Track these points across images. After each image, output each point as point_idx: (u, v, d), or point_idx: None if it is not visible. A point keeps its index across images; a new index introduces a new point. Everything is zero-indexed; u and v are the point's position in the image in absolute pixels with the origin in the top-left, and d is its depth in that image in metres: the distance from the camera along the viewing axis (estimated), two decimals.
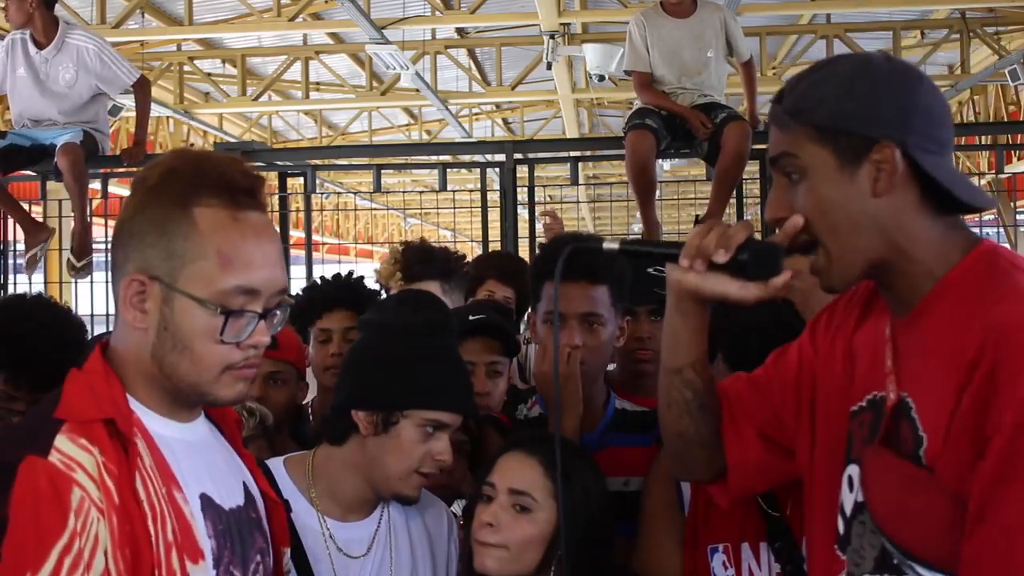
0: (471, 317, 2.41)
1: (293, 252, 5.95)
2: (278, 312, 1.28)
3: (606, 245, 1.42)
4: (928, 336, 1.29)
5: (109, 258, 1.30)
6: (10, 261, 5.84)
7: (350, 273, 2.80)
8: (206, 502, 1.27)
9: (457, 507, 2.14)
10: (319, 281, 2.84)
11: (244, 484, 1.38)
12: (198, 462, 1.30)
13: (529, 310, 2.53)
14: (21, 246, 5.48)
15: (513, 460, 1.82)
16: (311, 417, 2.72)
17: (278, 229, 5.64)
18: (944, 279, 1.29)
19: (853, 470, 1.37)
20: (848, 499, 1.37)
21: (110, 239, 1.33)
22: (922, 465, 1.24)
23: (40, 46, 4.85)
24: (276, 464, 1.86)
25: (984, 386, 1.17)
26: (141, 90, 5.07)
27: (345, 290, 2.72)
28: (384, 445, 1.77)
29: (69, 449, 1.16)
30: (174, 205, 1.23)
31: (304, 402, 2.83)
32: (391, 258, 2.57)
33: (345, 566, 1.80)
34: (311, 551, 1.76)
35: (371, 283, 2.75)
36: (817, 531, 1.44)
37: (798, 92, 1.33)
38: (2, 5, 4.86)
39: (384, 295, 2.72)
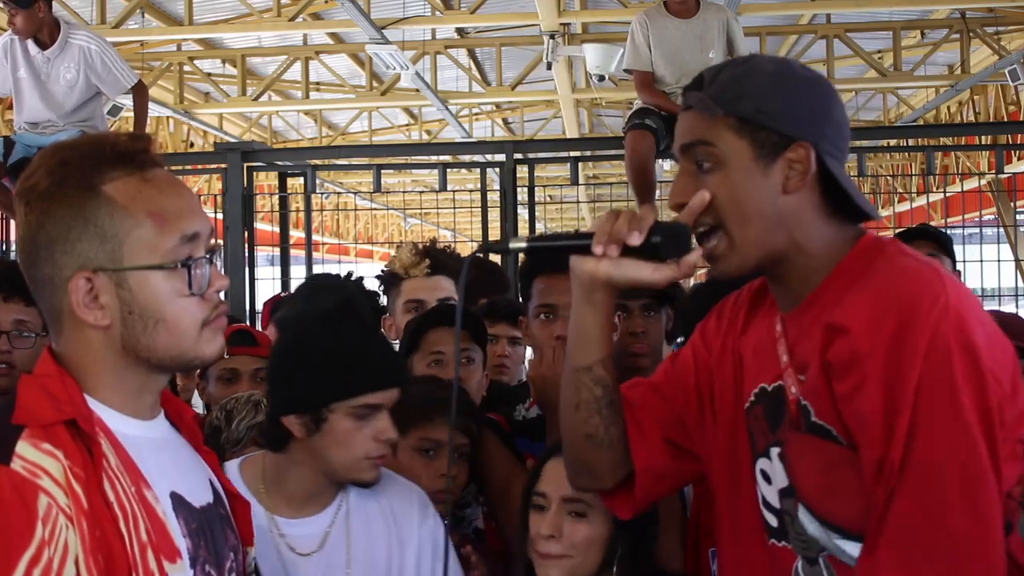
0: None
1: (293, 252, 5.94)
2: (218, 260, 1.29)
3: (512, 244, 1.41)
4: (813, 322, 1.32)
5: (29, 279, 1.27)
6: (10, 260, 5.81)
7: (349, 274, 2.80)
8: (177, 500, 1.24)
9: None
10: None
11: (210, 481, 1.36)
12: (165, 459, 1.26)
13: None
14: None
15: (561, 467, 1.73)
16: None
17: (278, 229, 5.64)
18: (832, 273, 1.34)
19: (764, 463, 1.38)
20: (770, 491, 1.38)
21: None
22: (842, 444, 1.26)
23: (44, 46, 4.83)
24: (231, 466, 1.85)
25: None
26: (139, 94, 5.06)
27: None
28: (323, 442, 1.75)
29: (32, 455, 1.11)
30: (82, 194, 1.20)
31: None
32: (412, 248, 2.60)
33: (295, 564, 1.76)
34: (258, 551, 1.74)
35: (370, 284, 2.74)
36: (742, 528, 1.43)
37: (722, 82, 1.37)
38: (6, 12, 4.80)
39: (388, 290, 2.72)
